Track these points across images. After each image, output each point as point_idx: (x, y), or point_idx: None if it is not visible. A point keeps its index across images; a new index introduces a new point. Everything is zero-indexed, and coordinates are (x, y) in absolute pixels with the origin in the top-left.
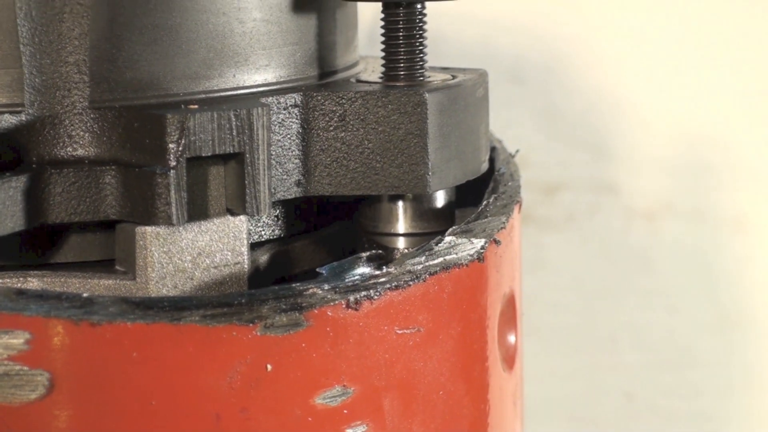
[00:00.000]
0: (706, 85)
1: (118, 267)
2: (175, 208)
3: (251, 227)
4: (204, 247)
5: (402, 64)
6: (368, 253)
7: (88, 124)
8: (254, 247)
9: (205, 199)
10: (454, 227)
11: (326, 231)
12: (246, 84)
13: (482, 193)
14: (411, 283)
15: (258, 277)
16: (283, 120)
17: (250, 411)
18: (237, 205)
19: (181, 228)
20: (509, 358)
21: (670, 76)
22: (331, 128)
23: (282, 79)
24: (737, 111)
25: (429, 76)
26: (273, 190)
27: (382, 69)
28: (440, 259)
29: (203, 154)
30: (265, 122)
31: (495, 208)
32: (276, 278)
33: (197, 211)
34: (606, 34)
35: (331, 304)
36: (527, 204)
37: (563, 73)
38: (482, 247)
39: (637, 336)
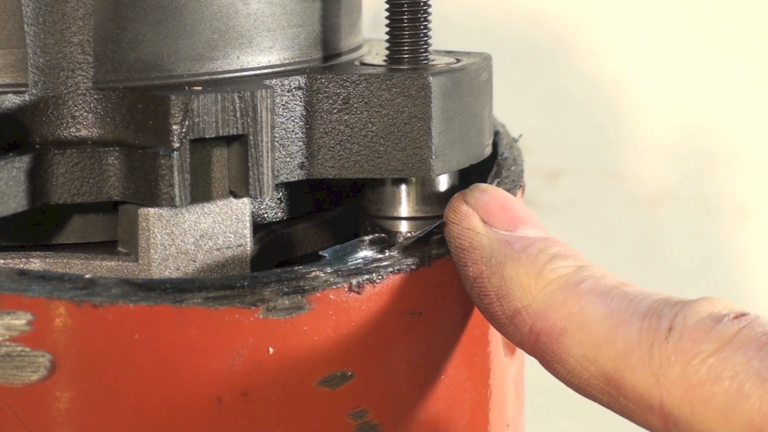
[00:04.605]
0: (710, 73)
1: (120, 248)
2: (178, 190)
3: (254, 209)
4: (207, 229)
5: (406, 47)
6: (371, 237)
7: (92, 105)
8: (257, 229)
9: (208, 181)
10: None
11: (329, 214)
12: (250, 66)
13: (485, 177)
14: (413, 266)
15: (261, 260)
16: (286, 102)
17: (252, 394)
18: (240, 188)
19: (184, 210)
20: (511, 344)
21: (674, 62)
22: (335, 111)
23: (286, 62)
24: (741, 98)
25: (433, 60)
26: (276, 173)
27: (386, 52)
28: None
29: (207, 136)
30: (269, 104)
31: None
32: (279, 261)
33: (200, 193)
34: (611, 20)
35: (334, 287)
36: (530, 189)
37: (567, 58)
38: None
39: None
